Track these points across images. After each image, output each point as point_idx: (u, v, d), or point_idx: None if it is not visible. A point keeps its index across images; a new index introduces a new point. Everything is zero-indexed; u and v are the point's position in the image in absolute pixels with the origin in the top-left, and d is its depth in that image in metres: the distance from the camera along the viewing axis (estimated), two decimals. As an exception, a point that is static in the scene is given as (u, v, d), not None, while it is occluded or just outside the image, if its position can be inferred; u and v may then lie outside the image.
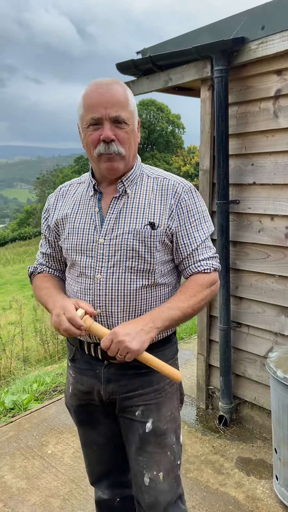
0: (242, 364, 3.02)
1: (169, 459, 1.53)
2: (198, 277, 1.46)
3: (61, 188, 1.62)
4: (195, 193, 1.50)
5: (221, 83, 2.61)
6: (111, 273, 1.43)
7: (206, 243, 1.49)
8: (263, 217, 2.73)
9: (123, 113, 1.36)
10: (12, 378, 4.90)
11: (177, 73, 2.90)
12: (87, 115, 1.37)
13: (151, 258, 1.43)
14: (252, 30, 2.48)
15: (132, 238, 1.41)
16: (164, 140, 39.75)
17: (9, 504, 2.42)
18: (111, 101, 1.34)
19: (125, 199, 1.46)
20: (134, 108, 1.43)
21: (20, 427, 3.17)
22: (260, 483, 2.50)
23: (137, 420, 1.51)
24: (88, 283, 1.46)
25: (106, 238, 1.43)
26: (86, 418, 1.65)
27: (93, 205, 1.48)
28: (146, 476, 1.50)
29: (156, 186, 1.47)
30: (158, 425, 1.51)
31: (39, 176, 50.24)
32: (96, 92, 1.36)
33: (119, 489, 1.76)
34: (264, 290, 2.79)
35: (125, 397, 1.52)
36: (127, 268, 1.42)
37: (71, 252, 1.49)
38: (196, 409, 3.30)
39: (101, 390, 1.54)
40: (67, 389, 1.69)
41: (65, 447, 2.92)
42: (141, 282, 1.44)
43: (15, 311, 9.55)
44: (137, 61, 2.99)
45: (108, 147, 1.37)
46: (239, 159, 2.81)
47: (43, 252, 1.66)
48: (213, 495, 2.43)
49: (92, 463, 1.75)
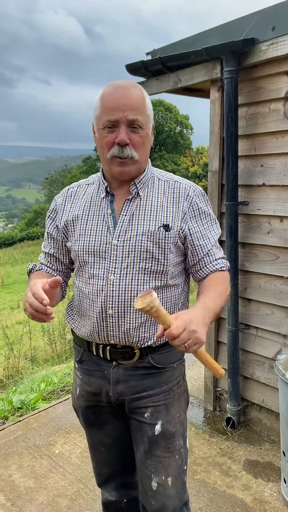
0: (250, 366, 3.01)
1: (177, 464, 1.53)
2: (218, 275, 1.49)
3: (68, 189, 1.61)
4: (205, 197, 1.53)
5: (231, 84, 2.60)
6: (124, 274, 1.43)
7: (217, 244, 1.54)
8: (272, 219, 2.71)
9: (140, 117, 1.37)
10: (20, 377, 4.93)
11: (186, 74, 2.90)
12: (103, 116, 1.37)
13: (165, 259, 1.44)
14: (262, 31, 2.47)
15: (146, 239, 1.42)
16: (172, 141, 39.73)
17: (17, 503, 2.44)
18: (129, 104, 1.34)
19: (138, 201, 1.46)
20: (151, 112, 1.43)
21: (28, 427, 3.18)
22: (268, 486, 2.49)
23: (146, 423, 1.51)
24: (101, 285, 1.45)
25: (119, 239, 1.43)
26: (94, 420, 1.64)
27: (105, 207, 1.48)
28: (154, 481, 1.50)
29: (167, 189, 1.49)
30: (167, 427, 1.51)
31: (47, 177, 50.50)
32: (115, 95, 1.36)
33: (126, 490, 1.76)
34: (273, 292, 2.78)
35: (134, 398, 1.52)
36: (141, 270, 1.43)
37: (82, 253, 1.48)
38: (203, 410, 3.30)
39: (109, 391, 1.54)
40: (74, 390, 1.68)
41: (73, 447, 2.93)
42: (153, 283, 1.45)
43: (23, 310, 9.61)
44: (147, 62, 2.99)
45: (122, 150, 1.37)
46: (249, 160, 2.80)
47: (46, 252, 1.64)
48: (221, 497, 2.42)
49: (99, 464, 1.75)
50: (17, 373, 5.19)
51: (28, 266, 1.66)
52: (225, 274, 1.51)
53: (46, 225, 1.63)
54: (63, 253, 1.61)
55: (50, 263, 1.63)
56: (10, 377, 5.05)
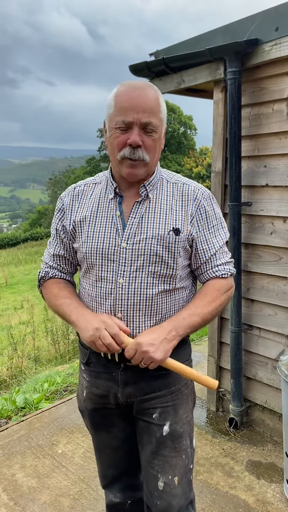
0: (253, 367, 3.01)
1: (184, 463, 1.53)
2: (215, 282, 1.49)
3: (75, 188, 1.57)
4: (213, 200, 1.51)
5: (234, 85, 2.60)
6: (133, 277, 1.42)
7: (223, 248, 1.52)
8: (276, 219, 2.71)
9: (154, 119, 1.35)
10: (23, 377, 4.94)
11: (190, 74, 2.90)
12: (117, 116, 1.35)
13: (174, 263, 1.44)
14: (266, 31, 2.47)
15: (156, 243, 1.41)
16: (176, 142, 39.71)
17: (19, 502, 2.44)
18: (144, 106, 1.32)
19: (147, 204, 1.45)
20: (164, 114, 1.41)
21: (31, 426, 3.19)
22: (271, 487, 2.49)
23: (154, 423, 1.51)
24: (109, 288, 1.44)
25: (128, 242, 1.42)
26: (101, 422, 1.63)
27: (114, 208, 1.46)
28: (161, 481, 1.49)
29: (176, 192, 1.47)
30: (175, 428, 1.51)
31: (51, 177, 50.60)
32: (130, 95, 1.33)
33: (131, 492, 1.76)
34: (276, 293, 2.77)
35: (143, 399, 1.51)
36: (150, 273, 1.42)
37: (90, 255, 1.46)
38: (206, 411, 3.29)
39: (118, 393, 1.53)
40: (80, 392, 1.67)
41: (76, 447, 2.93)
42: (162, 286, 1.44)
43: (26, 310, 9.62)
44: (150, 63, 3.00)
45: (133, 152, 1.35)
46: (252, 161, 2.80)
47: (54, 254, 1.59)
48: (223, 498, 2.42)
49: (105, 466, 1.74)
50: (21, 373, 5.20)
51: (39, 273, 1.63)
52: (222, 282, 1.49)
53: (53, 224, 1.59)
54: (72, 254, 1.59)
55: (59, 266, 1.60)
56: (13, 377, 5.07)
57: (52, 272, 1.60)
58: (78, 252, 1.53)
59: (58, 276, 1.60)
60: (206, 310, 1.42)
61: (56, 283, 1.59)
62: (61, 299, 1.52)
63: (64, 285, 1.58)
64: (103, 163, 41.50)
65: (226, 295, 1.49)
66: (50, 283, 1.59)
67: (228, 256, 1.54)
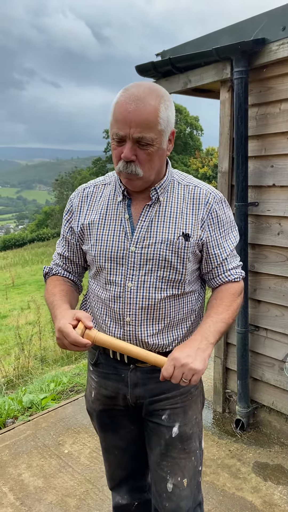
0: (259, 368, 2.99)
1: (193, 465, 1.52)
2: (229, 286, 1.47)
3: (84, 189, 1.54)
4: (225, 203, 1.48)
5: (241, 85, 2.59)
6: (142, 281, 1.41)
7: (234, 252, 1.50)
8: (283, 220, 2.70)
9: (148, 134, 1.28)
10: (30, 377, 4.95)
11: (196, 74, 2.90)
12: (113, 127, 1.32)
13: (183, 268, 1.42)
14: (273, 31, 2.46)
15: (165, 248, 1.39)
16: (182, 142, 39.68)
17: (26, 502, 2.45)
18: (136, 121, 1.26)
19: (158, 207, 1.42)
20: (166, 124, 1.32)
21: (37, 426, 3.20)
22: (278, 489, 2.47)
23: (164, 425, 1.50)
24: (118, 291, 1.43)
25: (137, 246, 1.40)
26: (109, 423, 1.63)
27: (123, 211, 1.44)
28: (170, 482, 1.48)
29: (187, 195, 1.44)
30: (185, 429, 1.50)
31: (57, 178, 50.75)
32: (126, 107, 1.27)
33: (138, 494, 1.75)
34: (283, 294, 2.76)
35: (152, 400, 1.50)
36: (159, 278, 1.41)
37: (99, 259, 1.45)
38: (212, 412, 3.28)
39: (127, 394, 1.52)
40: (88, 394, 1.66)
41: (82, 447, 2.93)
42: (171, 291, 1.43)
43: (33, 311, 9.66)
44: (157, 63, 3.00)
45: (126, 166, 1.33)
46: (259, 161, 2.79)
47: (61, 254, 1.59)
48: (230, 499, 2.41)
49: (112, 467, 1.73)
50: (27, 373, 5.22)
51: (44, 269, 1.63)
52: (235, 286, 1.48)
53: (62, 225, 1.59)
54: (78, 256, 1.58)
55: (65, 265, 1.60)
56: (20, 377, 5.08)
57: (56, 269, 1.60)
58: (87, 255, 1.52)
59: (61, 274, 1.60)
60: (227, 315, 1.39)
61: (55, 280, 1.57)
62: (51, 297, 1.49)
63: (60, 282, 1.56)
64: (109, 164, 41.57)
65: (240, 298, 1.48)
66: (50, 279, 1.59)
67: (238, 259, 1.52)
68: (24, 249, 33.93)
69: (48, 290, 1.54)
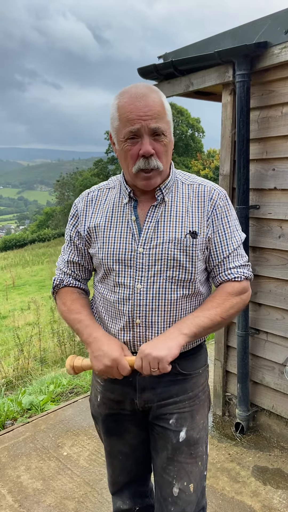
0: (260, 371, 2.98)
1: (199, 470, 1.51)
2: (227, 285, 1.43)
3: (88, 193, 1.55)
4: (228, 201, 1.48)
5: (243, 88, 2.59)
6: (151, 283, 1.40)
7: (238, 251, 1.46)
8: (284, 223, 2.69)
9: (162, 124, 1.32)
10: (29, 378, 4.95)
11: (198, 77, 2.90)
12: (124, 128, 1.32)
13: (193, 267, 1.40)
14: (275, 34, 2.46)
15: (173, 247, 1.39)
16: (184, 144, 39.73)
17: (24, 504, 2.44)
18: (150, 113, 1.29)
19: (163, 207, 1.42)
20: (170, 115, 1.39)
21: (36, 428, 3.19)
22: (277, 493, 2.46)
23: (171, 429, 1.48)
24: (127, 293, 1.42)
25: (145, 247, 1.40)
26: (114, 428, 1.61)
27: (129, 213, 1.44)
28: (176, 487, 1.47)
29: (192, 193, 1.45)
30: (192, 434, 1.49)
31: (59, 179, 50.80)
32: (135, 104, 1.30)
33: (140, 499, 1.74)
34: (283, 297, 2.75)
35: (160, 404, 1.49)
36: (168, 278, 1.40)
37: (106, 261, 1.44)
38: (212, 415, 3.27)
39: (135, 399, 1.50)
40: (94, 398, 1.64)
41: (81, 449, 2.93)
42: (181, 291, 1.42)
43: (33, 312, 9.66)
44: (159, 65, 3.00)
45: (148, 162, 1.33)
46: (260, 164, 2.79)
47: (69, 260, 1.56)
48: (229, 503, 2.40)
49: (116, 472, 1.71)
50: (27, 374, 5.21)
51: (53, 281, 1.59)
52: (234, 285, 1.43)
53: (67, 231, 1.57)
54: (87, 260, 1.56)
55: (74, 273, 1.57)
56: (19, 378, 5.08)
57: (67, 280, 1.57)
58: (94, 258, 1.51)
59: (73, 284, 1.57)
60: (214, 311, 1.37)
61: (70, 294, 1.55)
62: (73, 314, 1.48)
63: (77, 296, 1.55)
64: (111, 165, 41.61)
65: (239, 298, 1.42)
66: (63, 292, 1.56)
67: (244, 259, 1.47)
68: (25, 250, 33.96)
69: (66, 305, 1.52)
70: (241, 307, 1.45)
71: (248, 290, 1.47)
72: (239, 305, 1.43)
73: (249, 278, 1.47)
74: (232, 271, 1.44)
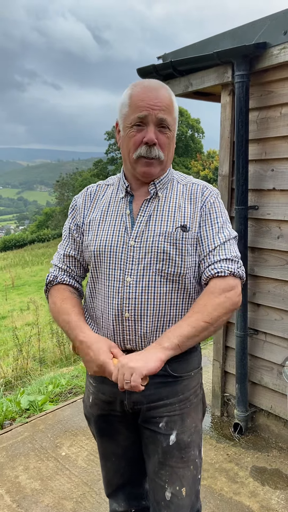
0: (258, 372, 2.98)
1: (192, 474, 1.49)
2: (211, 284, 1.37)
3: (87, 188, 1.59)
4: (219, 199, 1.50)
5: (242, 88, 2.60)
6: (141, 276, 1.40)
7: (226, 245, 1.40)
8: (283, 223, 2.69)
9: (169, 117, 1.38)
10: (28, 379, 4.94)
11: (197, 78, 2.90)
12: (133, 114, 1.38)
13: (182, 261, 1.40)
14: (274, 35, 2.46)
15: (163, 240, 1.40)
16: (183, 144, 39.73)
17: (22, 504, 2.44)
18: (159, 104, 1.36)
19: (156, 202, 1.45)
20: (177, 115, 1.45)
21: (35, 428, 3.19)
22: (275, 494, 2.46)
23: (161, 433, 1.47)
24: (117, 286, 1.43)
25: (136, 240, 1.41)
26: (106, 428, 1.61)
27: (124, 207, 1.47)
28: (168, 491, 1.46)
29: (186, 191, 1.48)
30: (182, 437, 1.47)
31: (58, 179, 50.78)
32: (147, 94, 1.37)
33: (136, 501, 1.73)
34: (282, 297, 2.75)
35: (150, 407, 1.48)
36: (158, 271, 1.40)
37: (98, 253, 1.45)
38: (211, 416, 3.27)
39: (124, 400, 1.49)
40: (86, 398, 1.64)
41: (79, 449, 2.93)
42: (171, 285, 1.41)
43: (32, 312, 9.65)
44: (158, 66, 3.00)
45: (150, 150, 1.38)
46: (259, 164, 2.79)
47: (64, 254, 1.56)
48: (227, 503, 2.40)
49: (109, 474, 1.71)
50: (25, 374, 5.21)
51: (47, 277, 1.57)
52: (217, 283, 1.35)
53: (66, 224, 1.58)
54: (83, 255, 1.56)
55: (69, 268, 1.56)
56: (18, 378, 5.07)
57: (61, 276, 1.55)
58: (86, 251, 1.51)
59: (67, 282, 1.55)
60: (195, 317, 1.30)
61: (61, 292, 1.53)
62: (62, 315, 1.46)
63: (68, 295, 1.52)
64: (111, 166, 41.59)
65: (223, 297, 1.32)
66: (55, 290, 1.54)
67: (232, 254, 1.39)
68: (24, 250, 33.95)
69: (56, 303, 1.50)
70: (229, 307, 1.34)
71: (236, 288, 1.36)
72: (225, 304, 1.32)
73: (236, 274, 1.37)
74: (215, 266, 1.37)
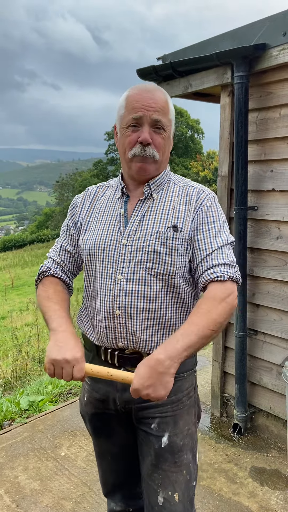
0: (257, 372, 2.99)
1: (185, 479, 1.47)
2: (210, 289, 1.36)
3: (88, 189, 1.64)
4: (217, 202, 1.50)
5: (241, 89, 2.60)
6: (131, 274, 1.42)
7: (223, 250, 1.40)
8: (282, 224, 2.70)
9: (164, 119, 1.42)
10: (28, 379, 4.94)
11: (197, 79, 2.91)
12: (128, 115, 1.41)
13: (171, 261, 1.41)
14: (273, 36, 2.47)
15: (154, 239, 1.41)
16: (183, 145, 39.75)
17: (22, 505, 2.44)
18: (154, 105, 1.40)
19: (150, 203, 1.47)
20: (173, 117, 1.48)
21: (34, 429, 3.19)
22: (274, 494, 2.47)
23: (153, 434, 1.47)
24: (109, 284, 1.45)
25: (128, 239, 1.44)
26: (101, 427, 1.61)
27: (119, 207, 1.50)
28: (160, 496, 1.44)
29: (182, 193, 1.49)
30: (175, 440, 1.46)
31: (58, 180, 50.77)
32: (142, 95, 1.41)
33: (133, 501, 1.73)
34: (281, 298, 2.76)
35: (141, 407, 1.48)
36: (148, 270, 1.41)
37: (92, 251, 1.49)
38: (210, 416, 3.28)
39: (116, 399, 1.51)
40: (82, 396, 1.66)
41: (79, 450, 2.93)
42: (160, 284, 1.42)
43: (31, 312, 9.65)
44: (158, 67, 3.01)
45: (144, 149, 1.41)
46: (258, 165, 2.79)
47: (61, 247, 1.59)
48: (226, 504, 2.40)
49: (106, 473, 1.71)
50: (25, 374, 5.20)
51: (40, 267, 1.58)
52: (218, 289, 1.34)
53: (65, 222, 1.63)
54: (78, 252, 1.59)
55: (63, 262, 1.57)
56: (18, 378, 5.07)
57: (54, 269, 1.56)
58: (81, 249, 1.54)
59: (59, 276, 1.56)
60: (201, 325, 1.28)
61: (54, 284, 1.54)
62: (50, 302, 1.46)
63: (60, 289, 1.53)
64: (110, 166, 41.60)
65: (224, 303, 1.33)
66: (48, 281, 1.55)
67: (229, 259, 1.40)
68: (24, 250, 33.92)
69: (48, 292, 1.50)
70: (229, 312, 1.35)
71: (234, 292, 1.38)
72: (226, 310, 1.33)
73: (234, 279, 1.38)
74: (214, 270, 1.37)
